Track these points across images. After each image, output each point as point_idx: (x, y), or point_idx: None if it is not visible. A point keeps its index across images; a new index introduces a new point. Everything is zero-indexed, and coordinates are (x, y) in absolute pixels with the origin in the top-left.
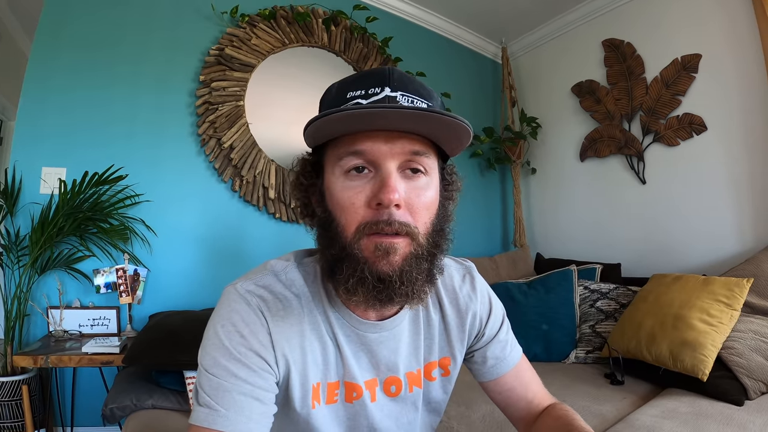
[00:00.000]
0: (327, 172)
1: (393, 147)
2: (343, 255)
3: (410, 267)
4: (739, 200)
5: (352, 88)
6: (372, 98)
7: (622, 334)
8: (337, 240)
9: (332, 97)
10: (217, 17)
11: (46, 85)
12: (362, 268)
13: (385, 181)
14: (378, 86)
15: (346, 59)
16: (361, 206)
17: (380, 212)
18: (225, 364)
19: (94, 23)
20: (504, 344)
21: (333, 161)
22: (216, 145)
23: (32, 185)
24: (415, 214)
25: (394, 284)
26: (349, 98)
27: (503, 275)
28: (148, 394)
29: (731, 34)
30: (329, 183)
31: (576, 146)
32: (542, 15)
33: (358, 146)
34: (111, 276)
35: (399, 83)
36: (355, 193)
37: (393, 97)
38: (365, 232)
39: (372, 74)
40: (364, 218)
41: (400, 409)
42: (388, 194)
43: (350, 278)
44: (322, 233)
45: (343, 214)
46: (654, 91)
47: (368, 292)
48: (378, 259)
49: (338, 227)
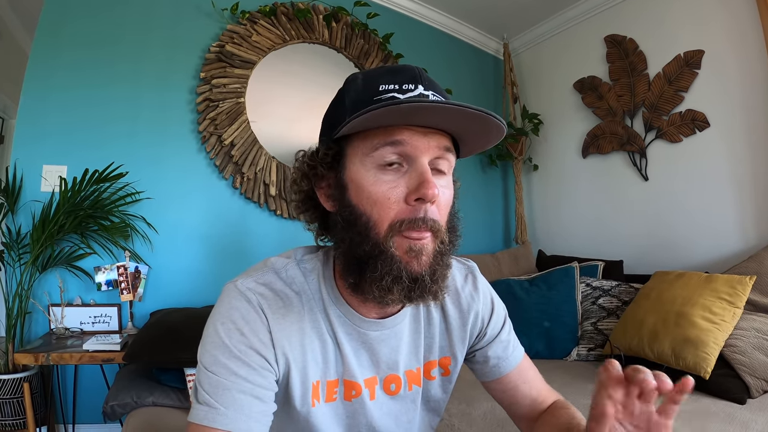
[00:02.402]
0: (353, 163)
1: (429, 141)
2: (376, 252)
3: (438, 265)
4: (742, 197)
5: (384, 81)
6: (407, 94)
7: (624, 331)
8: (369, 236)
9: (361, 89)
10: (218, 14)
11: (46, 83)
12: (398, 267)
13: (425, 176)
14: (411, 83)
15: (347, 55)
16: (396, 201)
17: (417, 209)
18: (225, 362)
19: (95, 21)
20: (506, 344)
21: (363, 152)
22: (217, 142)
23: (33, 183)
24: (441, 211)
25: (426, 283)
26: (383, 91)
27: (505, 272)
28: (148, 391)
29: (734, 30)
30: (356, 175)
31: (578, 143)
32: (544, 11)
33: (397, 136)
34: (112, 273)
35: (429, 83)
36: (390, 188)
37: (426, 95)
38: (400, 230)
39: (402, 70)
40: (398, 215)
41: (400, 408)
42: (431, 189)
43: (386, 276)
44: (346, 228)
45: (375, 209)
46: (656, 87)
47: (402, 290)
48: (411, 259)
49: (369, 222)
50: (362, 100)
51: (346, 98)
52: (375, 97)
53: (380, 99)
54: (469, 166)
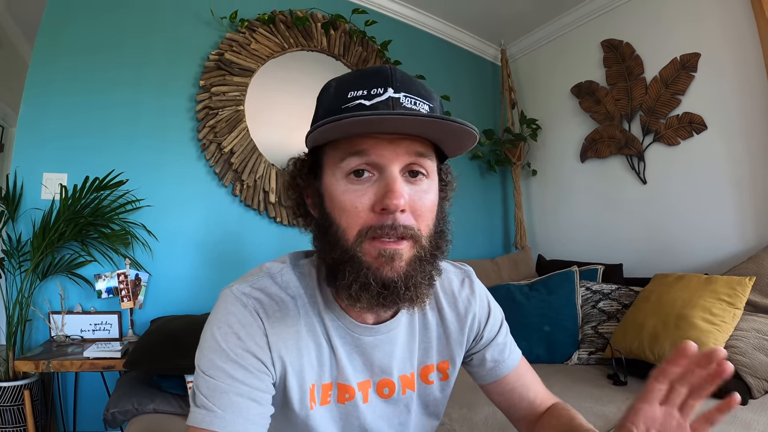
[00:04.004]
0: (326, 173)
1: (397, 149)
2: (345, 259)
3: (415, 271)
4: (741, 198)
5: (354, 88)
6: (375, 99)
7: (625, 334)
8: (338, 244)
9: (332, 96)
10: (217, 22)
11: (47, 89)
12: (366, 273)
13: (391, 186)
14: (381, 86)
15: (346, 63)
16: (363, 210)
17: (384, 217)
18: (222, 366)
19: (95, 28)
20: (503, 347)
21: (333, 163)
22: (216, 150)
23: (33, 191)
24: (419, 218)
25: (399, 290)
26: (351, 98)
27: (505, 277)
28: (149, 398)
29: (730, 32)
30: (329, 185)
31: (576, 147)
32: (540, 17)
33: (360, 146)
34: (112, 281)
35: (401, 84)
36: (357, 196)
37: (396, 98)
38: (368, 237)
39: (374, 73)
40: (366, 222)
41: (392, 411)
42: (395, 200)
43: (353, 284)
44: (321, 237)
45: (343, 217)
46: (653, 90)
47: (372, 298)
48: (382, 264)
49: (338, 231)
50: (332, 109)
51: (320, 108)
52: (343, 105)
53: (347, 108)
54: (468, 171)
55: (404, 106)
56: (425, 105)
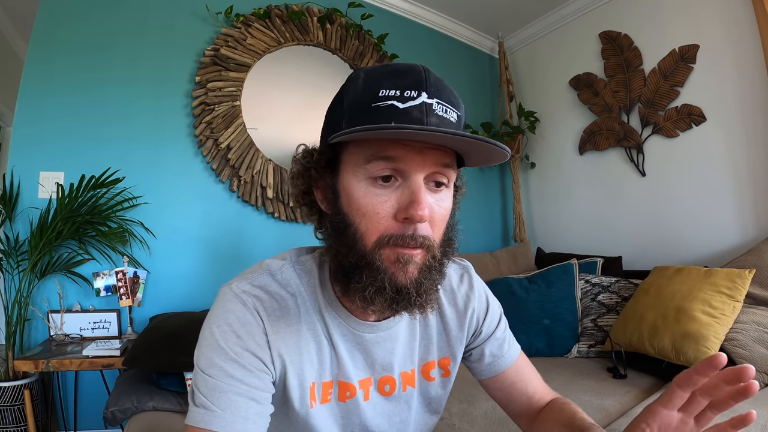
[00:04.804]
0: (346, 171)
1: (425, 158)
2: (362, 264)
3: (425, 278)
4: (740, 190)
5: (385, 86)
6: (408, 102)
7: (624, 327)
8: (355, 247)
9: (360, 91)
10: (212, 18)
11: (42, 87)
12: (382, 278)
13: (416, 196)
14: (414, 89)
15: (342, 57)
16: (385, 216)
17: (406, 226)
18: (221, 365)
19: (89, 26)
20: (501, 341)
21: (356, 162)
22: (213, 146)
23: (30, 190)
24: (434, 227)
25: (410, 295)
26: (382, 97)
27: (504, 270)
28: (149, 396)
29: (728, 24)
30: (348, 184)
31: (575, 139)
32: (538, 9)
33: (390, 152)
34: (111, 279)
35: (435, 89)
36: (380, 202)
37: (429, 105)
38: (388, 244)
39: (407, 72)
40: (387, 230)
41: (393, 408)
42: (420, 210)
43: (369, 287)
44: (335, 236)
45: (363, 221)
46: (652, 82)
47: (385, 302)
48: (398, 269)
49: (356, 234)
50: (360, 105)
51: (345, 100)
52: (373, 103)
53: (378, 107)
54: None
55: (436, 114)
56: (454, 113)
